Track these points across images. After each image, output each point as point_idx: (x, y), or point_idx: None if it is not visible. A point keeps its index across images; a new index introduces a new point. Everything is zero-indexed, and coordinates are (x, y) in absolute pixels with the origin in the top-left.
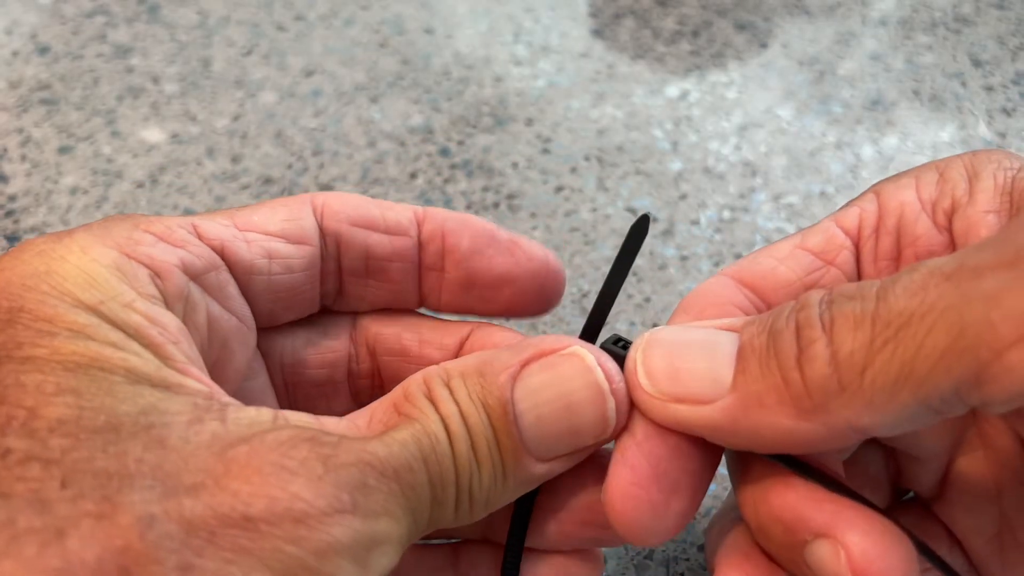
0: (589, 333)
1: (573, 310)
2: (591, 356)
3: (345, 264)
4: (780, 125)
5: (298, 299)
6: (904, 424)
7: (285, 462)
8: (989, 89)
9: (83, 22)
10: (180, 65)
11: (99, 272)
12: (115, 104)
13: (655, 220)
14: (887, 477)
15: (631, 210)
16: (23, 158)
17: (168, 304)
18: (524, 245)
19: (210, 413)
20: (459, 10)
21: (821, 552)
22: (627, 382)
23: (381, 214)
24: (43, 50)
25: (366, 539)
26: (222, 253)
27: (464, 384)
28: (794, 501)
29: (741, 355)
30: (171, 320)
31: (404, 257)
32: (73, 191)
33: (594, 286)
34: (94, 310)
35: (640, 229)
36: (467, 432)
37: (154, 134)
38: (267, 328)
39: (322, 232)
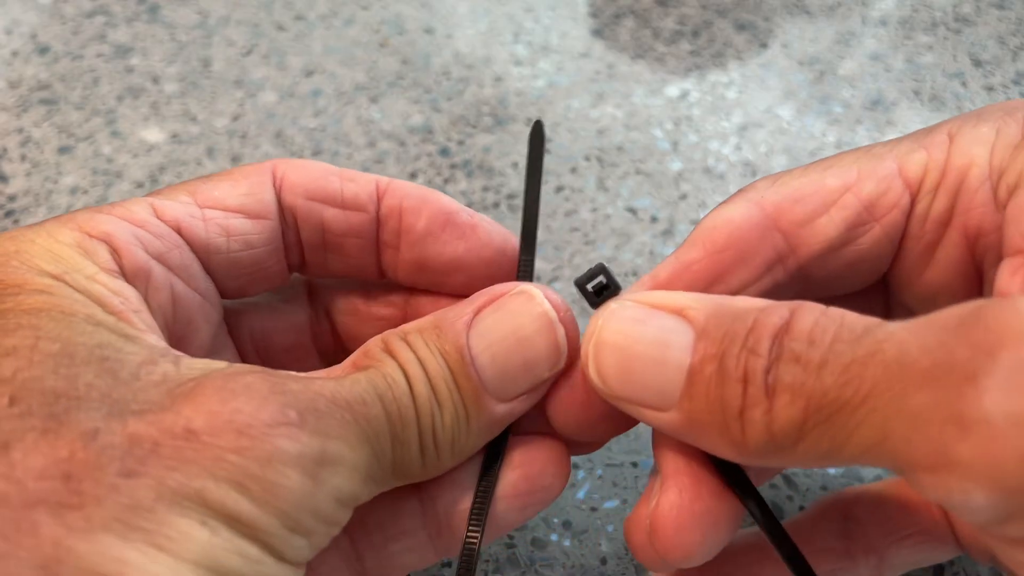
0: (526, 245)
1: (573, 309)
2: (538, 290)
3: (304, 237)
4: (780, 125)
5: (263, 273)
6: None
7: (230, 385)
8: (990, 89)
9: (83, 22)
10: (180, 65)
11: (63, 250)
12: (115, 104)
13: (655, 220)
14: None
15: (631, 210)
16: (23, 158)
17: (127, 279)
18: (482, 230)
19: (165, 358)
20: (459, 10)
21: (656, 490)
22: (583, 371)
23: (340, 187)
24: (43, 50)
25: (315, 452)
26: (179, 232)
27: (421, 337)
28: (659, 439)
29: (690, 377)
30: (131, 292)
31: (360, 233)
32: (73, 191)
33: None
34: (59, 279)
35: (536, 135)
36: (425, 375)
37: (154, 134)
38: (234, 300)
39: (280, 205)
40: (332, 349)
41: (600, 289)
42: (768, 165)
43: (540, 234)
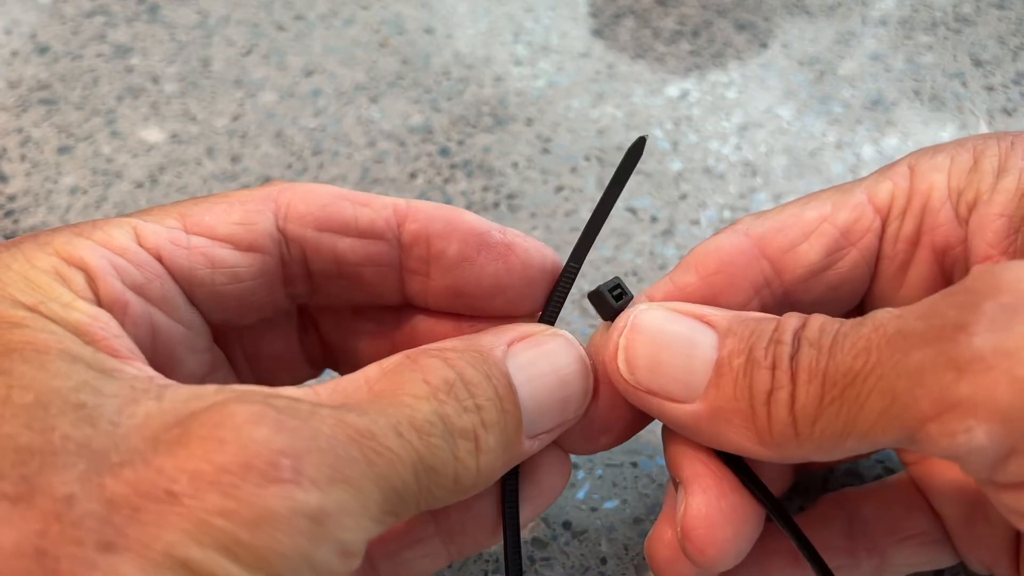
0: (578, 255)
1: (573, 310)
2: (571, 336)
3: (314, 268)
4: (780, 125)
5: (252, 305)
6: (853, 455)
7: (218, 433)
8: (990, 89)
9: (83, 22)
10: (180, 65)
11: (39, 277)
12: (115, 104)
13: (655, 220)
14: None
15: (631, 210)
16: (23, 158)
17: (103, 306)
18: (520, 249)
19: (147, 394)
20: (459, 10)
21: (680, 498)
22: (606, 363)
23: (353, 213)
24: (43, 50)
25: (312, 509)
26: (160, 261)
27: (462, 357)
28: (674, 449)
29: (718, 369)
30: (108, 318)
31: (379, 261)
32: (73, 191)
33: (594, 286)
34: (34, 309)
35: (636, 150)
36: (470, 395)
37: (154, 134)
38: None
39: (285, 236)
40: (322, 359)
41: (618, 296)
42: (768, 165)
43: (539, 235)
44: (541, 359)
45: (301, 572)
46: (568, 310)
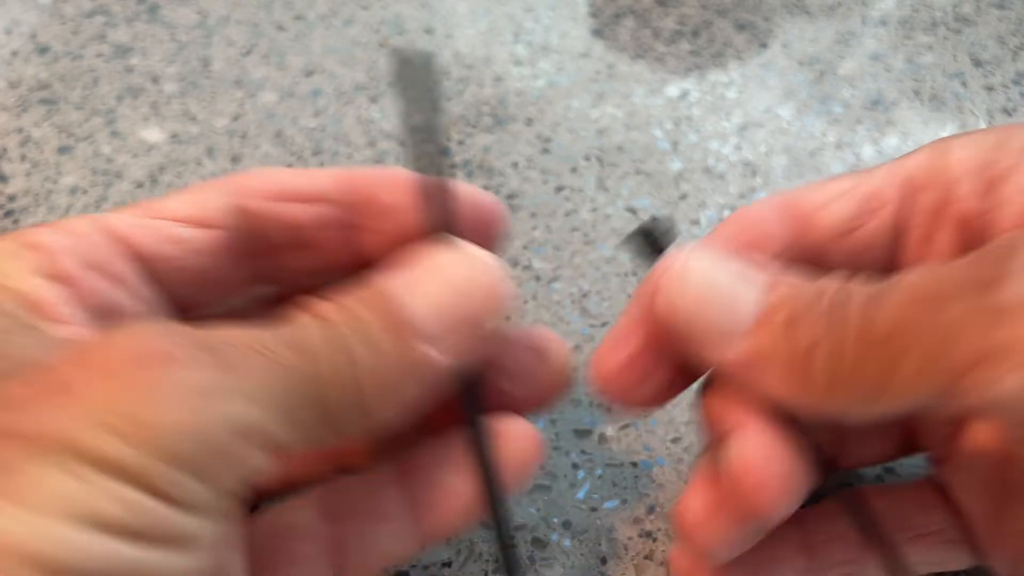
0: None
1: (573, 310)
2: (462, 242)
3: (274, 239)
4: (780, 125)
5: (215, 282)
6: (888, 416)
7: (112, 334)
8: (990, 89)
9: (83, 22)
10: (180, 65)
11: None
12: (115, 104)
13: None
14: (898, 426)
15: (631, 210)
16: (23, 158)
17: (56, 282)
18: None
19: (68, 345)
20: (459, 10)
21: (725, 451)
22: (650, 300)
23: (299, 182)
24: (43, 50)
25: (194, 382)
26: (121, 242)
27: (342, 294)
28: (714, 405)
29: (760, 319)
30: (58, 289)
31: (329, 224)
32: (73, 191)
33: (594, 285)
34: None
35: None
36: (348, 316)
37: (154, 134)
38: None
39: (240, 210)
40: None
41: (662, 234)
42: (768, 165)
43: (539, 234)
44: (431, 272)
45: (185, 443)
46: (569, 310)
